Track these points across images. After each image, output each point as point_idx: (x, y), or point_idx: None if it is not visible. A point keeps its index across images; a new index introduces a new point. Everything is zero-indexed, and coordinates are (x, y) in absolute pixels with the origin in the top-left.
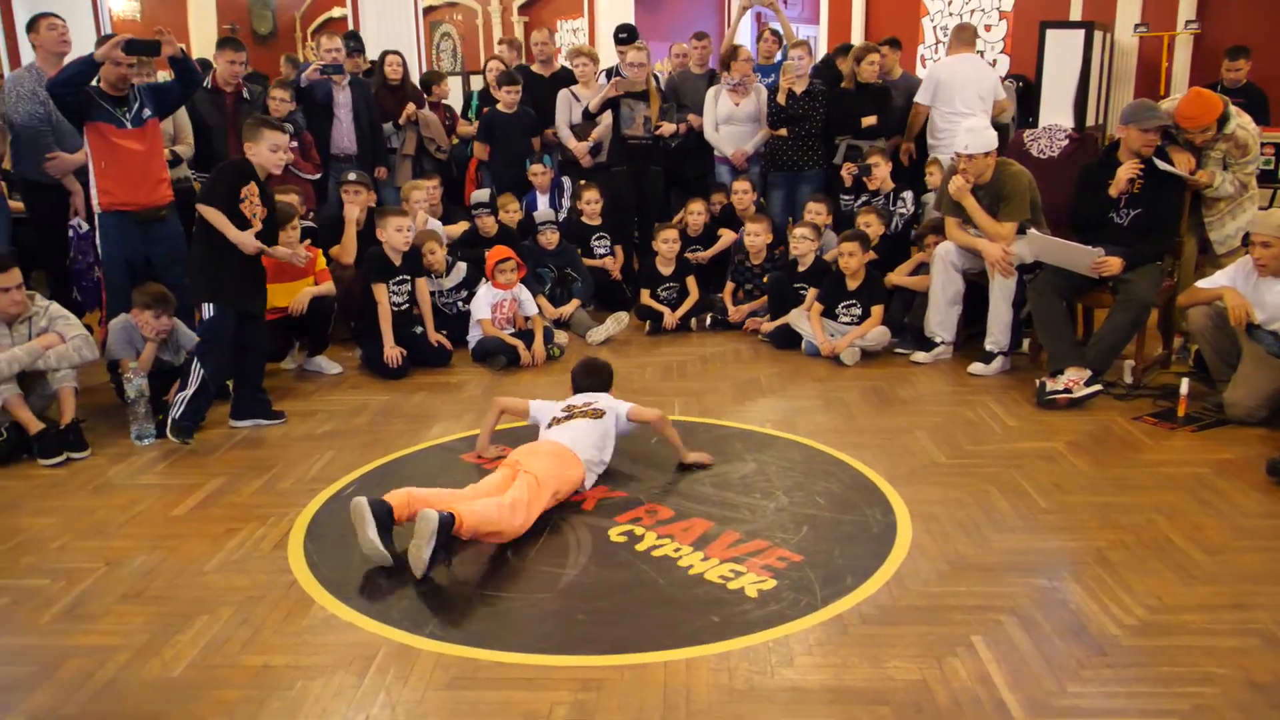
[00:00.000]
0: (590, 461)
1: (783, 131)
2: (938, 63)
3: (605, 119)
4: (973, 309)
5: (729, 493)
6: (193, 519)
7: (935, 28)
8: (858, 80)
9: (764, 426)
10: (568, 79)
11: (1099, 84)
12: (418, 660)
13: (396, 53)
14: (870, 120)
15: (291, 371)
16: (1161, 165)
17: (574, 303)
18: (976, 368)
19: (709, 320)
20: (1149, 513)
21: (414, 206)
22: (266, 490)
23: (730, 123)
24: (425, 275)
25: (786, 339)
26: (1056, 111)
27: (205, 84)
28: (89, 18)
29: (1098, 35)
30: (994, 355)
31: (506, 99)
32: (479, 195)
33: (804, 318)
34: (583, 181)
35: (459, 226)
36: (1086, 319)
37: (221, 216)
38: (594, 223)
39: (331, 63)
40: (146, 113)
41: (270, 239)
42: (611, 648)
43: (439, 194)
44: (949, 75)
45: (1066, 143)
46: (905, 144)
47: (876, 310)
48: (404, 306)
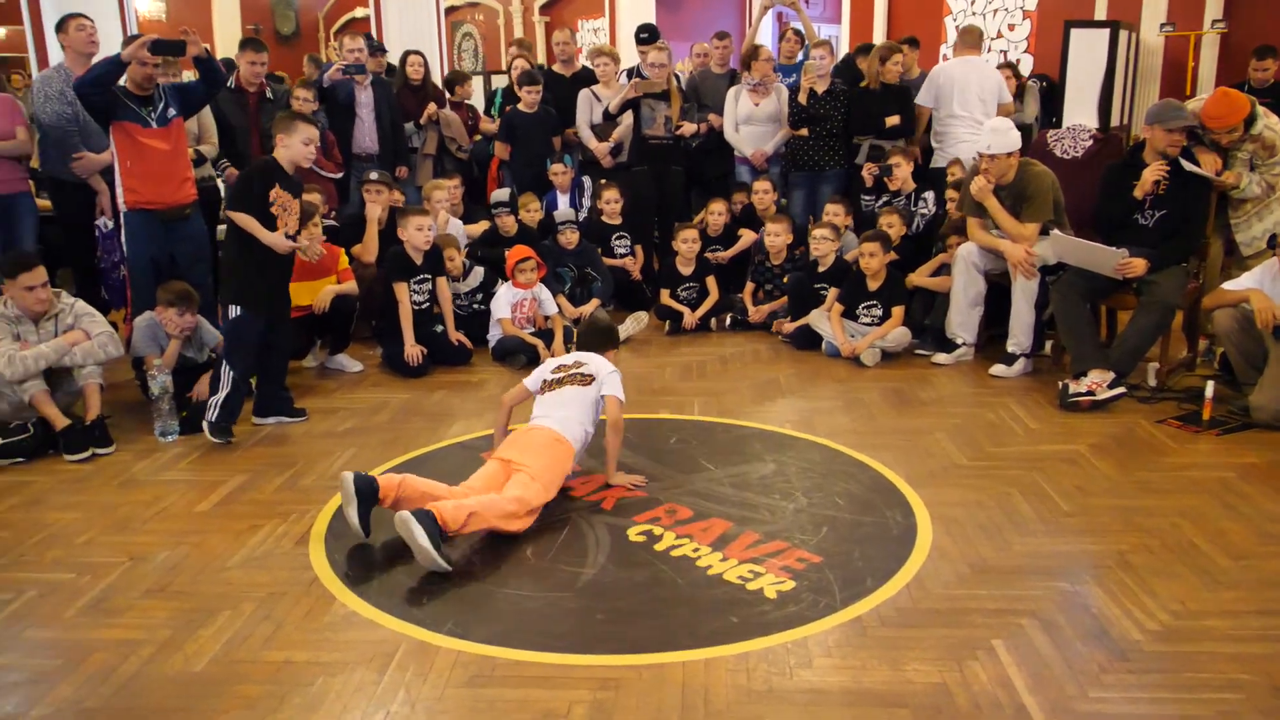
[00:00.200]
0: (576, 439)
1: (804, 131)
2: (939, 65)
3: (626, 119)
4: (994, 310)
5: (748, 493)
6: (216, 515)
7: (958, 27)
8: (881, 80)
9: (783, 427)
10: (589, 79)
11: (1124, 84)
12: (437, 658)
13: (418, 53)
14: (894, 120)
15: (313, 369)
16: (1187, 166)
17: (594, 302)
18: (998, 369)
19: (729, 320)
20: (1173, 517)
21: (435, 206)
22: (288, 487)
23: (750, 123)
24: (446, 275)
25: (807, 339)
26: (1080, 111)
27: (229, 84)
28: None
29: (1123, 34)
30: (1016, 357)
31: (527, 99)
32: (499, 194)
33: (824, 318)
34: (603, 181)
35: (479, 226)
36: (1110, 321)
37: (253, 220)
38: (614, 222)
39: (354, 63)
40: (171, 112)
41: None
42: (630, 647)
43: (460, 193)
44: (947, 78)
45: (1090, 143)
46: (911, 146)
47: (897, 311)
48: (425, 305)
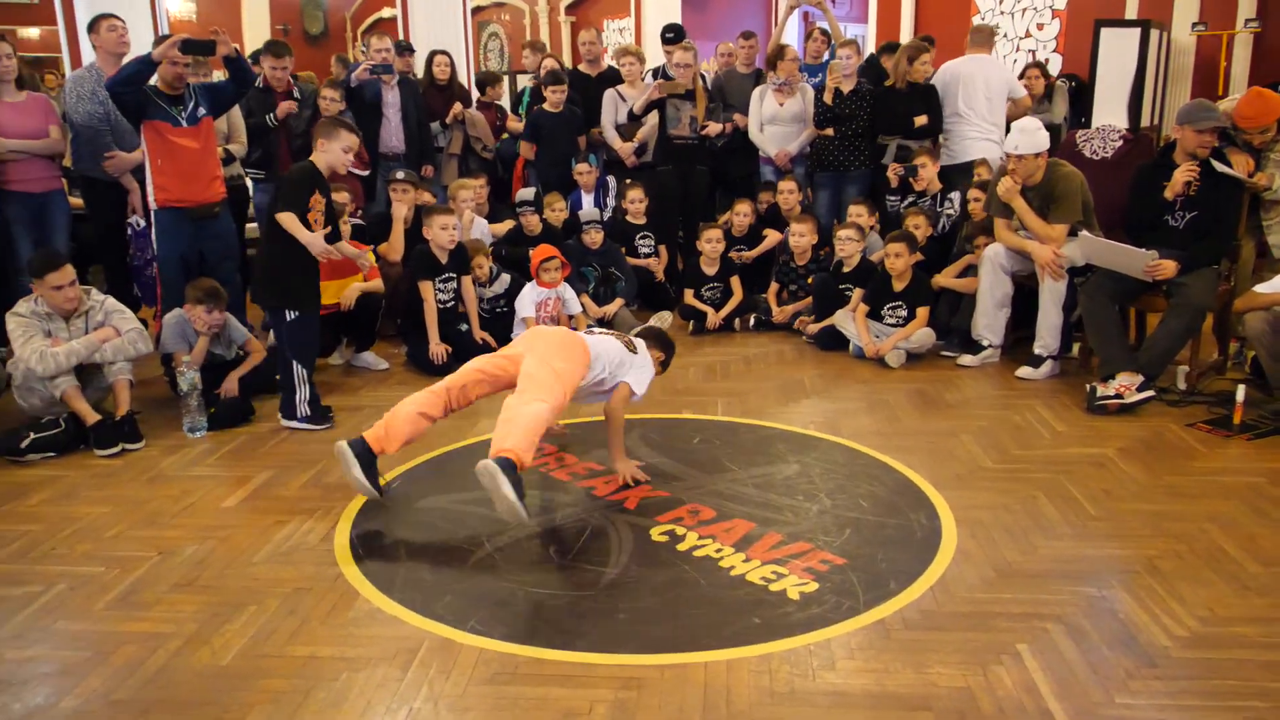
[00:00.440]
0: (594, 369)
1: (829, 131)
2: (946, 63)
3: (651, 119)
4: (1021, 311)
5: (771, 494)
6: (242, 511)
7: None
8: (909, 80)
9: (807, 428)
10: (614, 79)
11: (1155, 84)
12: (460, 655)
13: (444, 53)
14: (922, 120)
15: (339, 367)
16: (1219, 167)
17: (618, 302)
18: (1025, 371)
19: (753, 321)
20: (1202, 522)
21: (460, 205)
22: (314, 484)
23: (775, 123)
24: (471, 274)
25: (832, 340)
26: (1110, 112)
27: (258, 84)
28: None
29: (1154, 34)
30: (1043, 359)
31: (553, 99)
32: (524, 193)
33: (849, 319)
34: (628, 181)
35: (504, 225)
36: (1139, 323)
37: (295, 221)
38: (638, 222)
39: (381, 63)
40: (201, 111)
41: (333, 239)
42: (652, 647)
43: (486, 193)
44: (952, 77)
45: (1120, 143)
46: (937, 146)
47: (922, 312)
48: (450, 304)
